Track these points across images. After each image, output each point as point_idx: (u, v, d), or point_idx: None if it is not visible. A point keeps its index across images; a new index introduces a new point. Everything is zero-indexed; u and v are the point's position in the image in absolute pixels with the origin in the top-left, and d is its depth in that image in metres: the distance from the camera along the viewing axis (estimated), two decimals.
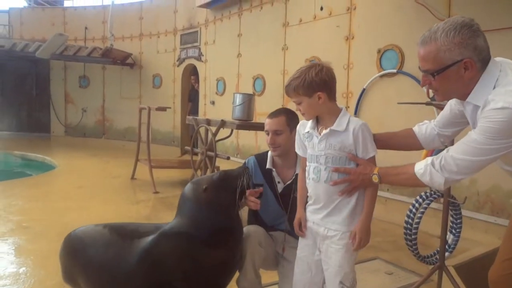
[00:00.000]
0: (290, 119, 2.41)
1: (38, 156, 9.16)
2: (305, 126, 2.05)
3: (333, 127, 1.92)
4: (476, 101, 1.59)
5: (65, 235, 3.86)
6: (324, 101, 1.90)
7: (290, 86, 1.94)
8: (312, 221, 2.03)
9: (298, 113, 2.24)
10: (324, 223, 1.97)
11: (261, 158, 2.51)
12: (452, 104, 1.87)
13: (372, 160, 1.92)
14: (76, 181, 6.59)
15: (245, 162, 2.51)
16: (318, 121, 2.00)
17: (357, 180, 1.87)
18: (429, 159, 1.67)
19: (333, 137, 1.92)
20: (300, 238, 2.12)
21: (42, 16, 11.37)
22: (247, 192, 2.16)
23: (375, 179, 1.83)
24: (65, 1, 12.67)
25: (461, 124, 1.90)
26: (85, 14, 11.18)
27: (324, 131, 1.93)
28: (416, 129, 2.01)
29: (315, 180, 1.97)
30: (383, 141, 2.02)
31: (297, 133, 2.12)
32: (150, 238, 2.10)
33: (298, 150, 2.12)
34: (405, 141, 2.04)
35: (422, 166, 1.68)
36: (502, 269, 1.72)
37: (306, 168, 2.04)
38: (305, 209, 2.10)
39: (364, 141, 1.90)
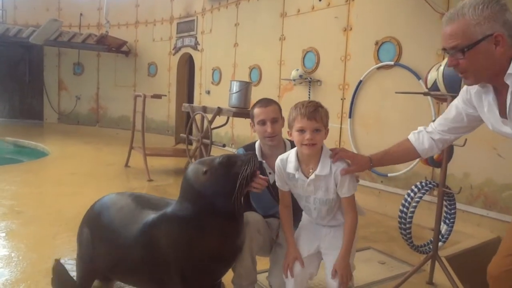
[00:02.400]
0: (279, 106, 2.48)
1: (31, 143, 9.07)
2: (285, 164, 2.06)
3: (317, 172, 1.96)
4: None
5: (58, 219, 3.89)
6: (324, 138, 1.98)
7: (318, 112, 1.92)
8: (315, 222, 2.13)
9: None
10: (326, 224, 2.11)
11: (249, 149, 2.48)
12: (459, 107, 1.81)
13: (352, 197, 1.99)
14: (69, 168, 6.54)
15: (235, 152, 2.49)
16: (299, 160, 2.02)
17: None
18: None
19: (319, 181, 1.97)
20: (299, 238, 2.16)
21: (36, 1, 11.17)
22: (256, 179, 2.01)
23: None
24: None
25: (466, 130, 1.87)
26: (80, 0, 11.01)
27: (310, 177, 1.97)
28: (412, 139, 1.98)
29: (308, 215, 2.12)
30: (383, 161, 2.05)
31: (277, 169, 2.10)
32: (153, 215, 2.10)
33: (282, 186, 2.12)
34: (405, 157, 2.07)
35: None
36: (505, 265, 1.68)
37: (299, 203, 2.13)
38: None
39: (343, 183, 1.96)
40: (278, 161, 2.10)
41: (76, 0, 11.03)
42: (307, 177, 1.99)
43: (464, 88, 1.80)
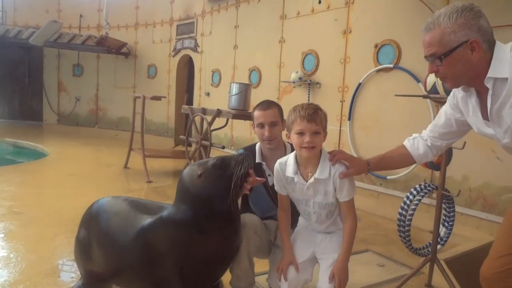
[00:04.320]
0: (280, 110, 2.48)
1: (30, 144, 9.07)
2: (283, 168, 2.05)
3: (316, 176, 1.94)
4: (499, 74, 1.54)
5: (57, 221, 3.88)
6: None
7: (318, 115, 1.92)
8: (310, 229, 2.12)
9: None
10: (323, 231, 2.09)
11: (249, 151, 2.48)
12: (447, 113, 1.85)
13: (351, 201, 1.98)
14: (68, 169, 6.54)
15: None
16: (298, 163, 2.01)
17: None
18: None
19: (318, 184, 1.96)
20: (294, 244, 2.13)
21: (36, 3, 11.19)
22: (250, 178, 2.04)
23: None
24: None
25: (456, 135, 1.89)
26: (80, 2, 11.04)
27: (310, 181, 1.96)
28: (408, 145, 2.00)
29: (307, 220, 2.08)
30: (380, 165, 2.05)
31: (276, 173, 2.10)
32: (149, 219, 2.10)
33: (280, 190, 2.11)
34: (401, 162, 2.07)
35: None
36: (497, 266, 1.67)
37: (298, 207, 2.11)
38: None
39: (342, 186, 1.94)
40: (277, 164, 2.08)
41: (76, 2, 11.05)
42: (306, 181, 1.98)
43: (451, 93, 1.83)
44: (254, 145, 2.52)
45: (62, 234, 3.54)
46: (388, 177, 4.64)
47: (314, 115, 1.89)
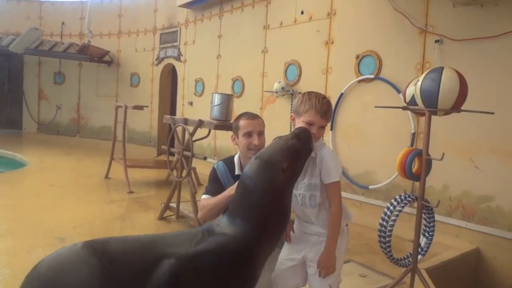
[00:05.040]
0: (263, 121, 2.48)
1: (8, 153, 8.87)
2: None
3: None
4: None
5: (34, 233, 3.77)
6: None
7: (330, 112, 2.00)
8: (303, 232, 2.07)
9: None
10: (315, 232, 2.03)
11: (228, 163, 2.47)
12: None
13: (337, 185, 1.95)
14: (47, 179, 6.41)
15: (214, 165, 2.48)
16: None
17: None
18: None
19: (307, 166, 1.96)
20: (289, 245, 2.12)
21: (17, 9, 11.04)
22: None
23: None
24: None
25: None
26: (62, 9, 10.91)
27: None
28: None
29: (295, 208, 2.05)
30: None
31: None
32: (181, 252, 1.44)
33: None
34: None
35: None
36: None
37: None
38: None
39: (328, 165, 1.94)
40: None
41: (58, 9, 10.92)
42: None
43: None
44: (232, 157, 2.50)
45: (39, 247, 3.44)
46: (370, 187, 4.67)
47: (328, 113, 1.97)
